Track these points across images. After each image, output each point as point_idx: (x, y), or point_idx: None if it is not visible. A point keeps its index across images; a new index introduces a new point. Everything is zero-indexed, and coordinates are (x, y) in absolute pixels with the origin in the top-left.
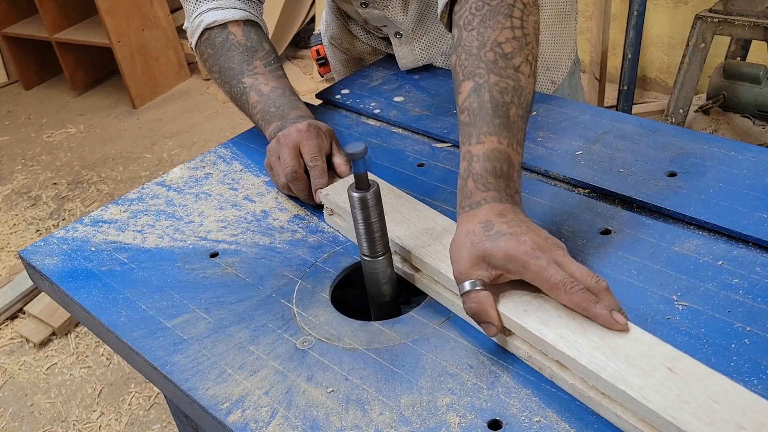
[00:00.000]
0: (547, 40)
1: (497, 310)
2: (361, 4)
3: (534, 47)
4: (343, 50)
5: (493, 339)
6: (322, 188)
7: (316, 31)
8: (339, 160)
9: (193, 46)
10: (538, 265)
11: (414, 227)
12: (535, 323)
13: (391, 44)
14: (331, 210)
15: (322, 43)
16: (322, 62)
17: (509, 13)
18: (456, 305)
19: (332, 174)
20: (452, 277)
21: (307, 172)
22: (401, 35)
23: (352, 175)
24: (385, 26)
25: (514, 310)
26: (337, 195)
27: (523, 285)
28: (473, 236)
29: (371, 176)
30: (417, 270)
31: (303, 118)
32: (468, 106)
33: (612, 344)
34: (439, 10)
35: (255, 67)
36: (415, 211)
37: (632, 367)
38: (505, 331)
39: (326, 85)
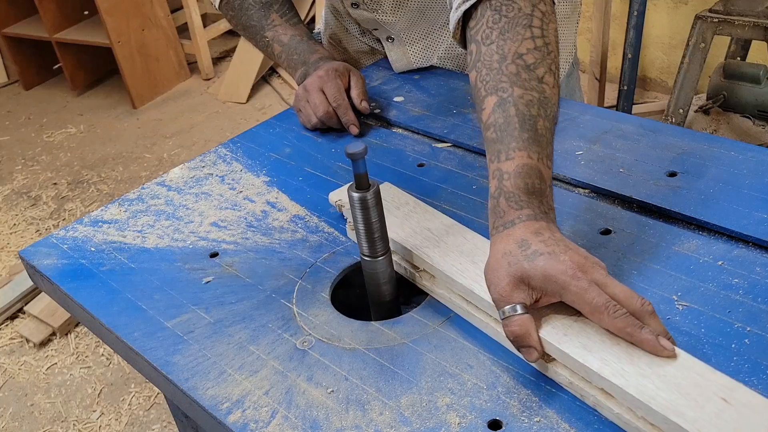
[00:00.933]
0: None
1: (539, 335)
2: (352, 4)
3: (556, 56)
4: (341, 49)
5: (533, 365)
6: (351, 124)
7: (315, 30)
8: (354, 93)
9: (217, 6)
10: (578, 287)
11: (443, 245)
12: (577, 348)
13: None
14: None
15: (321, 43)
16: None
17: (528, 24)
18: (490, 326)
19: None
20: (486, 298)
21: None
22: (393, 39)
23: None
24: (376, 29)
25: (554, 334)
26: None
27: (562, 307)
28: (510, 257)
29: (397, 190)
30: (451, 291)
31: (322, 60)
32: (494, 122)
33: (661, 372)
34: (451, 27)
35: (272, 20)
36: (443, 227)
37: (684, 397)
38: (545, 357)
39: None
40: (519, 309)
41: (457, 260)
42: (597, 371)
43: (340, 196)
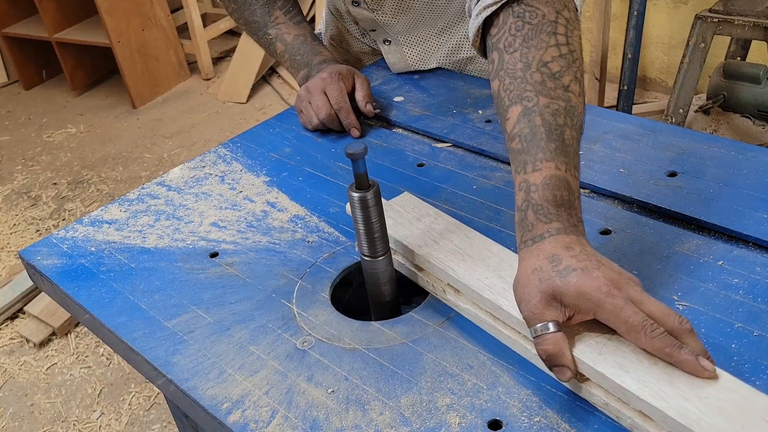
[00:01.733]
0: None
1: (572, 353)
2: (352, 2)
3: (581, 64)
4: (342, 50)
5: (566, 384)
6: (352, 126)
7: (316, 31)
8: (359, 96)
9: None
10: (614, 304)
11: (468, 258)
12: (612, 368)
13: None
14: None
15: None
16: None
17: (553, 30)
18: (519, 344)
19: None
20: (515, 315)
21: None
22: (390, 42)
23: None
24: (373, 30)
25: (588, 353)
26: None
27: (595, 325)
28: (541, 273)
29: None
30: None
31: (326, 63)
32: (519, 132)
33: (702, 394)
34: (470, 35)
35: (276, 18)
36: (467, 239)
37: (729, 421)
38: (579, 376)
39: None
40: (551, 327)
41: (483, 274)
42: (635, 393)
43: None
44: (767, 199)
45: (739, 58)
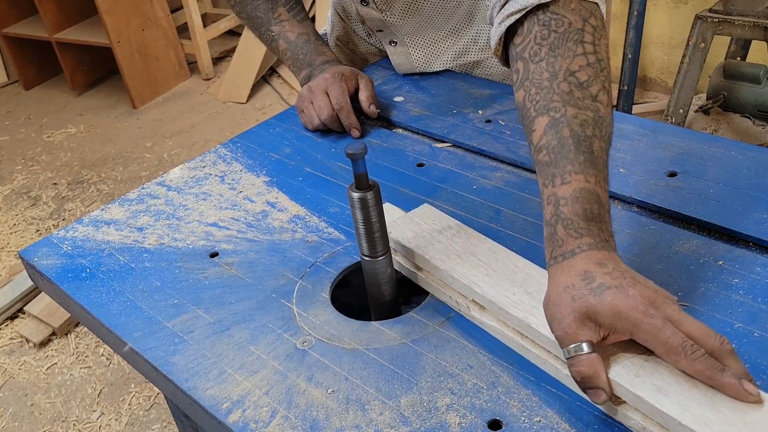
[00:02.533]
0: None
1: (607, 375)
2: (361, 1)
3: (609, 72)
4: (349, 50)
5: (600, 407)
6: (353, 127)
7: (321, 32)
8: (363, 96)
9: None
10: (652, 324)
11: (493, 273)
12: (651, 391)
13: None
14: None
15: (328, 44)
16: None
17: (580, 39)
18: (549, 363)
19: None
20: (546, 333)
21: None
22: (396, 43)
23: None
24: (380, 31)
25: (625, 375)
26: (401, 234)
27: (631, 345)
28: (573, 291)
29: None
30: (501, 323)
31: (328, 63)
32: (546, 144)
33: (748, 419)
34: (492, 44)
35: (279, 15)
36: (491, 253)
37: None
38: (614, 399)
39: None
40: (585, 348)
41: (509, 290)
42: (676, 417)
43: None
44: (767, 199)
45: (739, 58)
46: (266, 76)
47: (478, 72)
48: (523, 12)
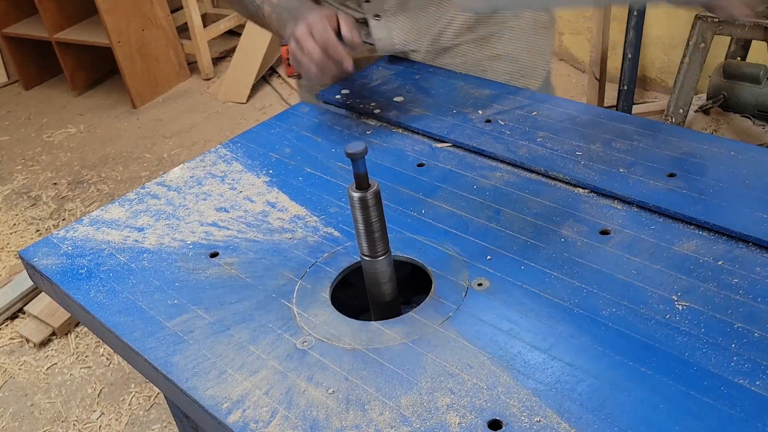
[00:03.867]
0: (524, 48)
1: None
2: None
3: None
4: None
5: None
6: (341, 59)
7: None
8: (344, 30)
9: None
10: None
11: None
12: None
13: (363, 27)
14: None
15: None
16: None
17: None
18: None
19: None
20: None
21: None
22: (380, 17)
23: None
24: (368, 1)
25: None
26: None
27: None
28: None
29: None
30: None
31: (311, 10)
32: None
33: None
34: None
35: None
36: None
37: None
38: None
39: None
40: None
41: None
42: None
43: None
44: (767, 199)
45: (739, 58)
46: (266, 76)
47: (448, 61)
48: None
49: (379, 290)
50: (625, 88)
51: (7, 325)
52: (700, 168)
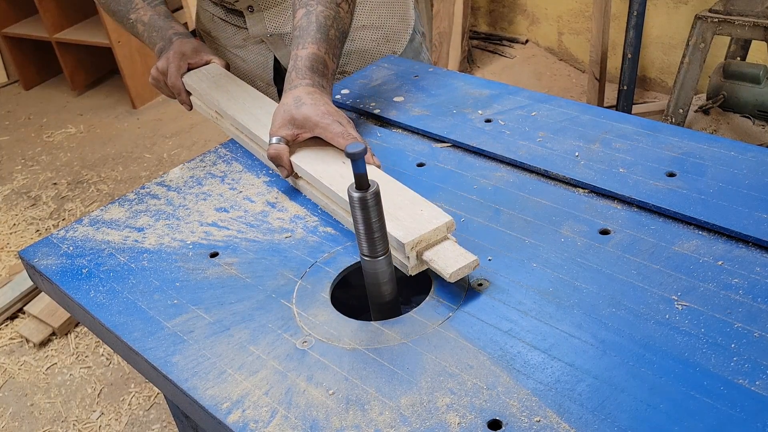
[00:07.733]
0: (386, 16)
1: (290, 160)
2: None
3: None
4: (211, 39)
5: (289, 182)
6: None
7: (191, 30)
8: (170, 79)
9: None
10: (326, 122)
11: (248, 106)
12: (313, 167)
13: (239, 17)
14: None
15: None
16: None
17: None
18: (258, 151)
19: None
20: (263, 137)
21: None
22: (253, 9)
23: (212, 64)
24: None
25: (301, 158)
26: (195, 80)
27: (316, 142)
28: (285, 106)
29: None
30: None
31: (177, 35)
32: (299, 24)
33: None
34: None
35: (136, 4)
36: (252, 99)
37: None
38: (296, 176)
39: None
40: (276, 140)
41: (250, 112)
42: (321, 180)
43: (188, 76)
44: (767, 199)
45: (739, 58)
46: None
47: None
48: None
49: (379, 290)
50: (625, 88)
51: (7, 325)
52: (699, 168)
